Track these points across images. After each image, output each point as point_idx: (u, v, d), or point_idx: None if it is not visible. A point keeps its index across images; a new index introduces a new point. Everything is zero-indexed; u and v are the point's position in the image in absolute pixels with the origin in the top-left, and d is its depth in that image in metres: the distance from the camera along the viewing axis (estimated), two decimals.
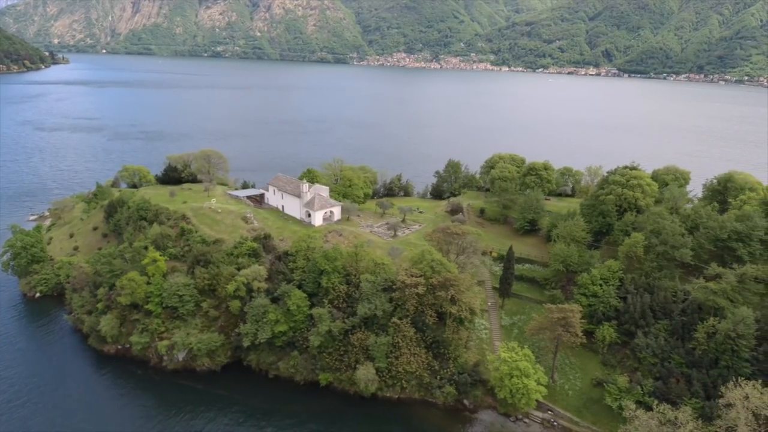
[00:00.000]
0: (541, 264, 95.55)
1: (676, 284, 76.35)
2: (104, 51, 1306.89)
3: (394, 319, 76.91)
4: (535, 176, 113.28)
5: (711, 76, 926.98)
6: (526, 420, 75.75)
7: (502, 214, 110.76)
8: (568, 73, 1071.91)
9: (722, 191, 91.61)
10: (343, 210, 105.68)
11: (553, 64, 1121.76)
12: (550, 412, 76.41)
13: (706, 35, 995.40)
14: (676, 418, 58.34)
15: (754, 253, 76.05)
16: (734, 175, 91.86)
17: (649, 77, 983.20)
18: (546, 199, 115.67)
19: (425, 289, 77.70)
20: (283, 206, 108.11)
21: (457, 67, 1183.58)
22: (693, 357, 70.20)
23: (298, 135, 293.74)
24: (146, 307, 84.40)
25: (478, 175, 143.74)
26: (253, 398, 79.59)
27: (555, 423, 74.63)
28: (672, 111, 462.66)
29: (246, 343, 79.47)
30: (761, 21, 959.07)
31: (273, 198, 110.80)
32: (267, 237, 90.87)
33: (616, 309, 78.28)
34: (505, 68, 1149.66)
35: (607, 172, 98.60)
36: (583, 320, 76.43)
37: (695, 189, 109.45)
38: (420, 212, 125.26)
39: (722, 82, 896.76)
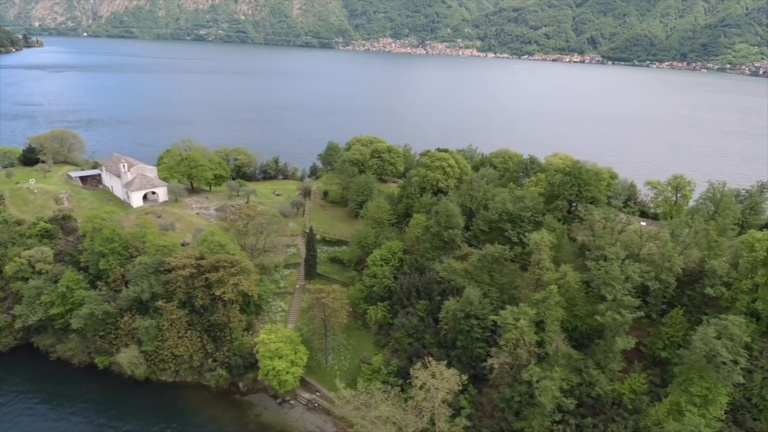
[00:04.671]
0: None
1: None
2: (85, 34, 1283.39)
3: (159, 302, 75.71)
4: (378, 159, 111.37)
5: (693, 64, 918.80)
6: (293, 402, 75.30)
7: (342, 197, 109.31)
8: (553, 60, 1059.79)
9: (527, 173, 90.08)
10: (170, 191, 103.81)
11: (538, 51, 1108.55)
12: (317, 393, 75.95)
13: (691, 22, 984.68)
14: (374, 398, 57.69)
15: (526, 234, 74.57)
16: (537, 158, 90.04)
17: (633, 65, 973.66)
18: (393, 182, 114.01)
19: (194, 270, 76.34)
20: (112, 187, 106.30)
21: (443, 53, 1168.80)
22: (440, 337, 69.48)
23: (248, 123, 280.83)
24: None
25: None
26: (30, 381, 78.67)
27: (317, 404, 74.20)
28: (637, 99, 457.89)
29: (18, 325, 78.53)
30: (746, 9, 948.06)
31: (105, 178, 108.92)
32: (66, 218, 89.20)
33: (389, 289, 77.30)
34: (491, 54, 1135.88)
35: (420, 154, 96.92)
36: (346, 300, 75.62)
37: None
38: (277, 195, 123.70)
39: (704, 70, 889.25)
